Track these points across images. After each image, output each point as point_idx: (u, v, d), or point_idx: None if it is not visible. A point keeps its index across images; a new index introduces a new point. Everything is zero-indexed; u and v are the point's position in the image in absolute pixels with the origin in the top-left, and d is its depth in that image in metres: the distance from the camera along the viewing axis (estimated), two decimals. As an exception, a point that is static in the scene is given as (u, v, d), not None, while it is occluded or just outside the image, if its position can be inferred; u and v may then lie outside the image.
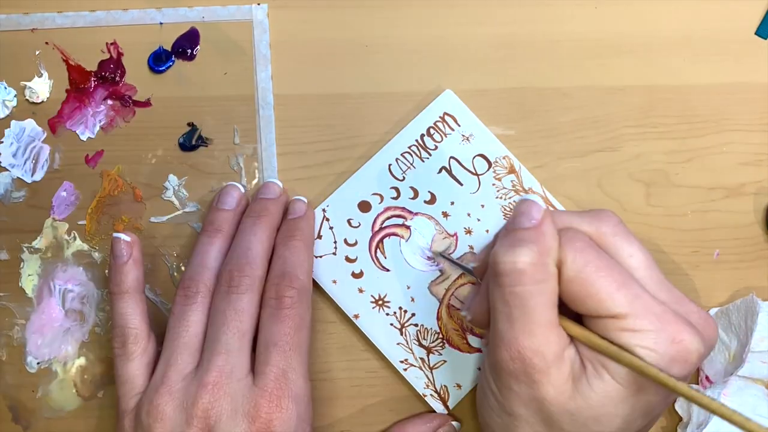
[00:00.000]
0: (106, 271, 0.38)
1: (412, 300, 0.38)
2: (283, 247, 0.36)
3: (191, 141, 0.39)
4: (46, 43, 0.39)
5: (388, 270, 0.38)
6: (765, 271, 0.40)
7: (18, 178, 0.38)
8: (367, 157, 0.39)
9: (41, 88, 0.39)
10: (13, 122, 0.38)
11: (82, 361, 0.38)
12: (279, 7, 0.40)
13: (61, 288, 0.38)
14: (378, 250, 0.38)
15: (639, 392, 0.29)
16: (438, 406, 0.37)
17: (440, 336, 0.38)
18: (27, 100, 0.39)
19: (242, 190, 0.38)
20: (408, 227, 0.38)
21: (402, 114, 0.40)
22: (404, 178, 0.38)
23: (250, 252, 0.35)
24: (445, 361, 0.37)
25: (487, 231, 0.38)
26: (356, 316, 0.38)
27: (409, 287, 0.38)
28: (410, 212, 0.38)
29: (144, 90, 0.39)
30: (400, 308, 0.38)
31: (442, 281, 0.38)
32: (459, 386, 0.37)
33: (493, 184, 0.38)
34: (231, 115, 0.39)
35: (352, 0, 0.40)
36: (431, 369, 0.37)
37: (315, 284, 0.38)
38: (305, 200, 0.38)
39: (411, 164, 0.38)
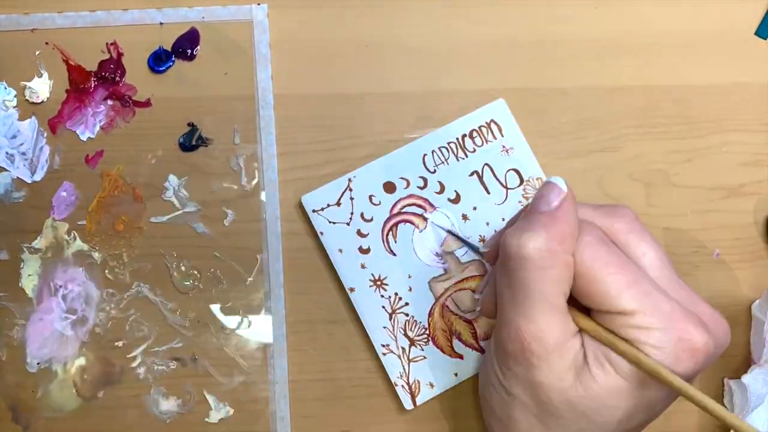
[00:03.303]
0: (106, 271, 0.38)
1: (410, 290, 0.38)
2: None
3: (191, 141, 0.39)
4: (46, 43, 0.39)
5: (394, 254, 0.38)
6: (765, 271, 0.40)
7: (18, 178, 0.38)
8: (369, 158, 0.39)
9: (41, 88, 0.39)
10: None
11: (82, 361, 0.38)
12: (279, 7, 0.40)
13: (61, 288, 0.38)
14: (391, 232, 0.38)
15: (641, 387, 0.29)
16: (406, 399, 0.37)
17: (427, 332, 0.38)
18: (27, 100, 0.39)
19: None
20: (425, 219, 0.38)
21: (402, 114, 0.40)
22: (435, 171, 0.39)
23: None
24: (425, 357, 0.38)
25: None
26: (352, 290, 0.38)
27: (410, 276, 0.38)
28: (432, 205, 0.38)
29: (144, 90, 0.39)
30: (396, 294, 0.38)
31: (443, 280, 0.38)
32: (432, 385, 0.38)
33: (520, 202, 0.39)
34: (231, 115, 0.39)
35: (352, 0, 0.40)
36: (409, 361, 0.38)
37: (323, 255, 0.38)
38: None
39: (445, 160, 0.39)
